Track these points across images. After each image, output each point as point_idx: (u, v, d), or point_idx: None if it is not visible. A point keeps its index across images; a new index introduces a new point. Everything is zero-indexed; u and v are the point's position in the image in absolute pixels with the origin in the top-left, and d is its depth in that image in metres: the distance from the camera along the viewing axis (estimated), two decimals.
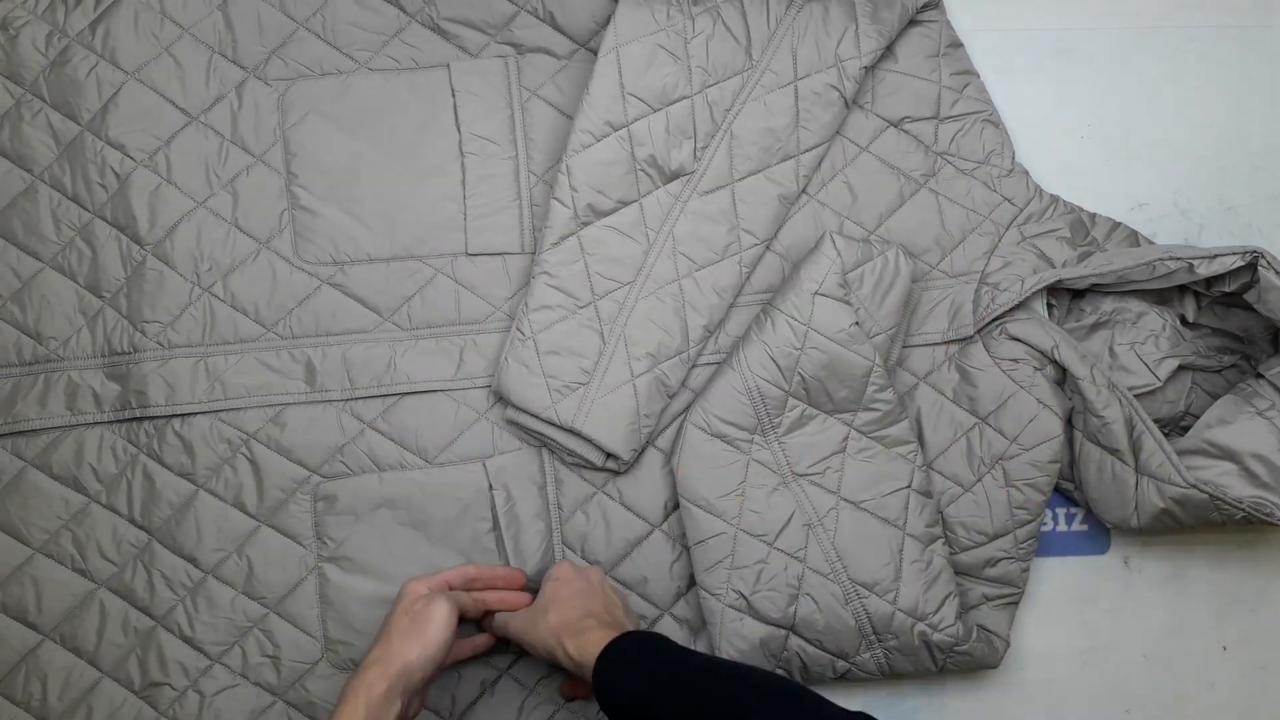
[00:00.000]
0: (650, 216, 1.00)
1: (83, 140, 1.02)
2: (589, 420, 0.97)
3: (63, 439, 1.00)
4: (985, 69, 1.08)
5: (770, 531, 0.96)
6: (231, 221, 1.01)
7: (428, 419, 1.00)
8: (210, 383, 0.99)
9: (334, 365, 1.00)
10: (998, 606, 1.01)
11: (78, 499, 1.00)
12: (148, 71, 1.02)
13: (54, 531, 0.99)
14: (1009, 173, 1.05)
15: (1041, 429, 1.00)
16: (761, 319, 0.97)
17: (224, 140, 1.02)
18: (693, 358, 1.00)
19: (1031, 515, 1.01)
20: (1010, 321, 1.02)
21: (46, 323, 1.01)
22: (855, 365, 0.95)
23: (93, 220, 1.02)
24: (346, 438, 1.00)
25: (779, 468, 0.97)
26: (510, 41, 1.04)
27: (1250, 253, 0.97)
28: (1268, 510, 0.95)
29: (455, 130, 1.02)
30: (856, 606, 0.95)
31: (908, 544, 0.96)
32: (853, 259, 0.96)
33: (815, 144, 1.02)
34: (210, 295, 1.00)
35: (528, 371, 0.97)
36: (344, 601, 0.98)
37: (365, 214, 1.01)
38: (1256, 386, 0.99)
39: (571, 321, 0.98)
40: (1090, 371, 0.99)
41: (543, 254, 0.98)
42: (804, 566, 0.95)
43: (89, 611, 0.99)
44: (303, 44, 1.04)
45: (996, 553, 1.01)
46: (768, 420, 0.96)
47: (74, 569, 0.99)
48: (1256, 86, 1.11)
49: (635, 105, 0.99)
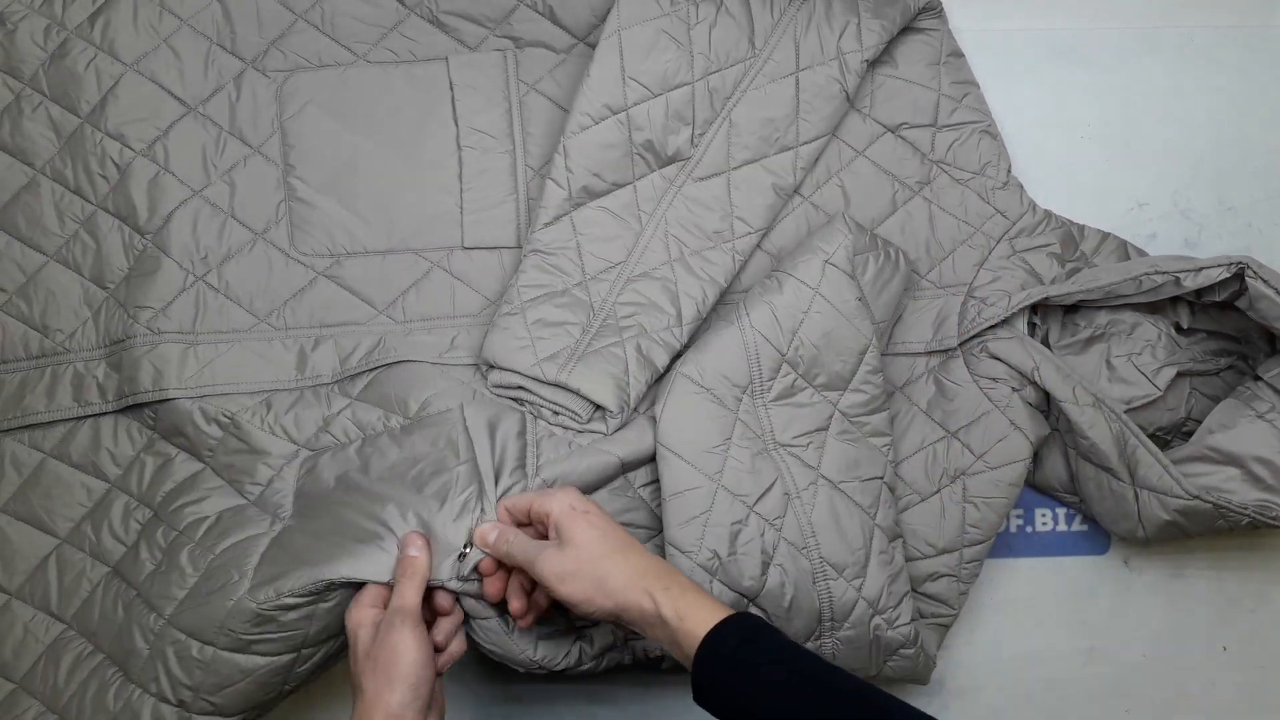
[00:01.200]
0: (644, 200, 1.00)
1: (83, 132, 1.01)
2: (574, 374, 0.95)
3: (78, 427, 1.00)
4: (985, 69, 1.08)
5: (752, 494, 0.93)
6: (228, 211, 1.01)
7: (409, 380, 0.98)
8: (199, 369, 0.98)
9: (326, 353, 0.99)
10: (930, 625, 1.00)
11: (99, 485, 0.99)
12: (146, 63, 1.02)
13: (78, 520, 0.99)
14: (1003, 185, 1.05)
15: (1010, 449, 1.00)
16: (768, 282, 0.96)
17: (222, 131, 1.02)
18: (684, 335, 0.98)
19: (983, 536, 1.00)
20: (992, 340, 1.02)
21: (52, 316, 1.01)
22: (854, 339, 0.95)
23: (95, 212, 1.01)
24: (332, 411, 0.98)
25: (762, 433, 0.95)
26: (509, 35, 1.04)
27: (1236, 264, 0.96)
28: (1274, 513, 0.95)
29: (453, 124, 1.02)
30: (823, 587, 0.93)
31: (877, 534, 0.95)
32: (861, 244, 0.97)
33: (814, 136, 1.02)
34: (204, 284, 1.00)
35: (513, 336, 0.96)
36: None
37: (362, 206, 1.01)
38: (1255, 389, 0.99)
39: (562, 298, 0.98)
40: (1073, 392, 0.99)
41: (535, 232, 0.98)
42: (780, 536, 0.93)
43: (96, 596, 0.97)
44: (301, 36, 1.04)
45: (940, 568, 1.00)
46: (759, 382, 0.95)
47: (90, 554, 0.98)
48: (1256, 86, 1.12)
49: (635, 89, 0.99)
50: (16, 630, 0.97)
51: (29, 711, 0.95)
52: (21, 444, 1.00)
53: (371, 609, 0.83)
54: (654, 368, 0.98)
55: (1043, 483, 1.05)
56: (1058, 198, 1.08)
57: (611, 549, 0.81)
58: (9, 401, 1.00)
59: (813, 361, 0.95)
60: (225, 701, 0.89)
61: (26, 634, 0.97)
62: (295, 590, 0.86)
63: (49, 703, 0.95)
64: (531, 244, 0.98)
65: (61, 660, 0.96)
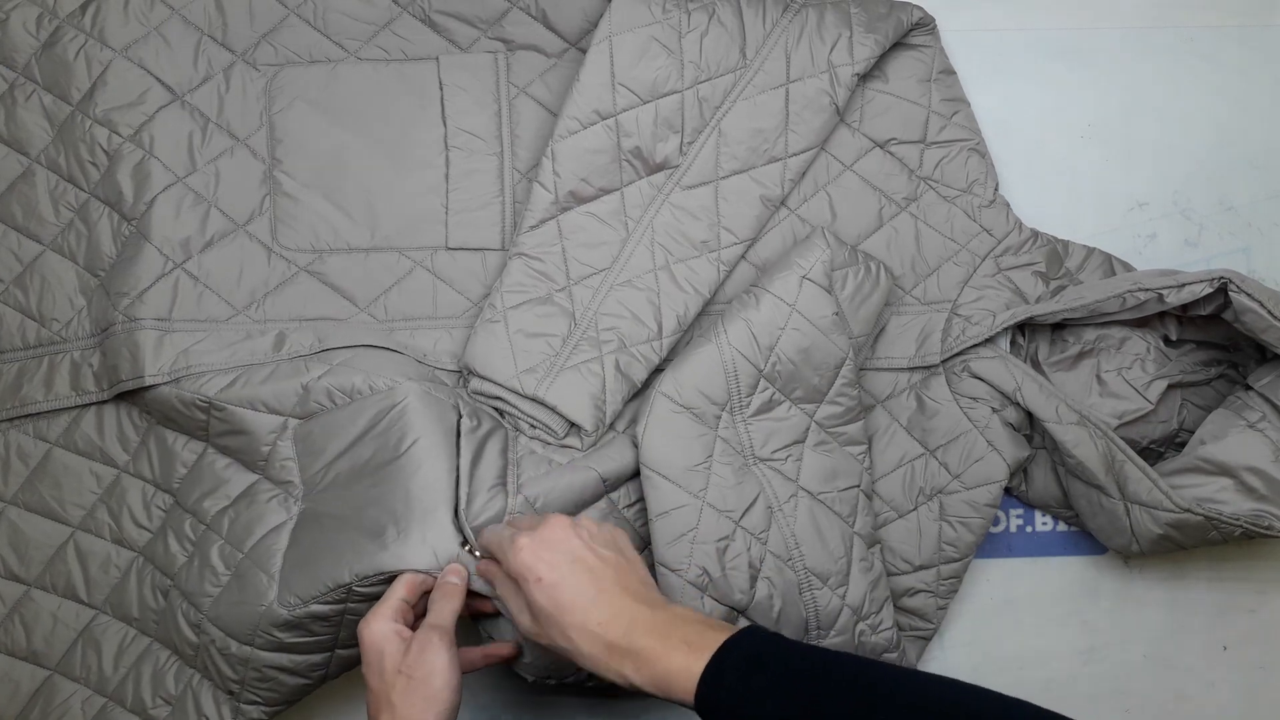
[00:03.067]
0: (630, 206, 1.00)
1: (74, 120, 1.01)
2: (551, 390, 0.96)
3: (82, 415, 1.00)
4: (985, 69, 1.07)
5: (737, 509, 0.94)
6: (211, 200, 1.00)
7: (392, 365, 0.97)
8: (173, 356, 0.97)
9: (305, 335, 0.98)
10: (909, 638, 1.01)
11: (108, 472, 1.00)
12: (136, 50, 1.01)
13: (89, 507, 1.00)
14: (990, 203, 1.04)
15: (985, 471, 1.00)
16: (746, 298, 0.96)
17: (208, 121, 1.01)
18: (664, 349, 0.99)
19: (959, 554, 1.01)
20: (974, 359, 1.02)
21: (49, 305, 1.01)
22: (831, 354, 0.95)
23: (88, 200, 1.01)
24: (311, 376, 0.95)
25: (742, 449, 0.95)
26: (501, 37, 1.04)
27: (1219, 279, 0.96)
28: (1267, 523, 0.95)
29: (441, 124, 1.02)
30: (808, 597, 0.94)
31: (856, 542, 0.96)
32: (840, 258, 0.97)
33: (803, 148, 1.01)
34: (182, 270, 0.99)
35: (495, 343, 0.97)
36: None
37: (347, 203, 1.01)
38: (1246, 399, 0.99)
39: (545, 303, 0.98)
40: (1056, 411, 0.99)
41: (521, 235, 0.98)
42: (765, 549, 0.94)
43: (129, 581, 0.99)
44: (293, 30, 1.03)
45: (917, 584, 1.01)
46: (738, 398, 0.95)
47: (112, 540, 0.99)
48: (1256, 86, 1.11)
49: (625, 95, 0.98)
50: (44, 619, 0.99)
51: (75, 697, 0.97)
52: (26, 435, 1.01)
53: (394, 623, 0.81)
54: (632, 384, 0.98)
55: (1037, 500, 1.06)
56: (1058, 198, 1.09)
57: (550, 619, 0.77)
58: (7, 391, 1.01)
59: (790, 377, 0.96)
60: (269, 694, 0.93)
61: (56, 622, 0.99)
62: (320, 598, 0.88)
63: (96, 687, 0.97)
64: (517, 246, 0.98)
65: (103, 645, 0.98)
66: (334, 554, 0.89)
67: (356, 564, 0.87)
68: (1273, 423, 0.97)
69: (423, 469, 0.90)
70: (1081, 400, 1.01)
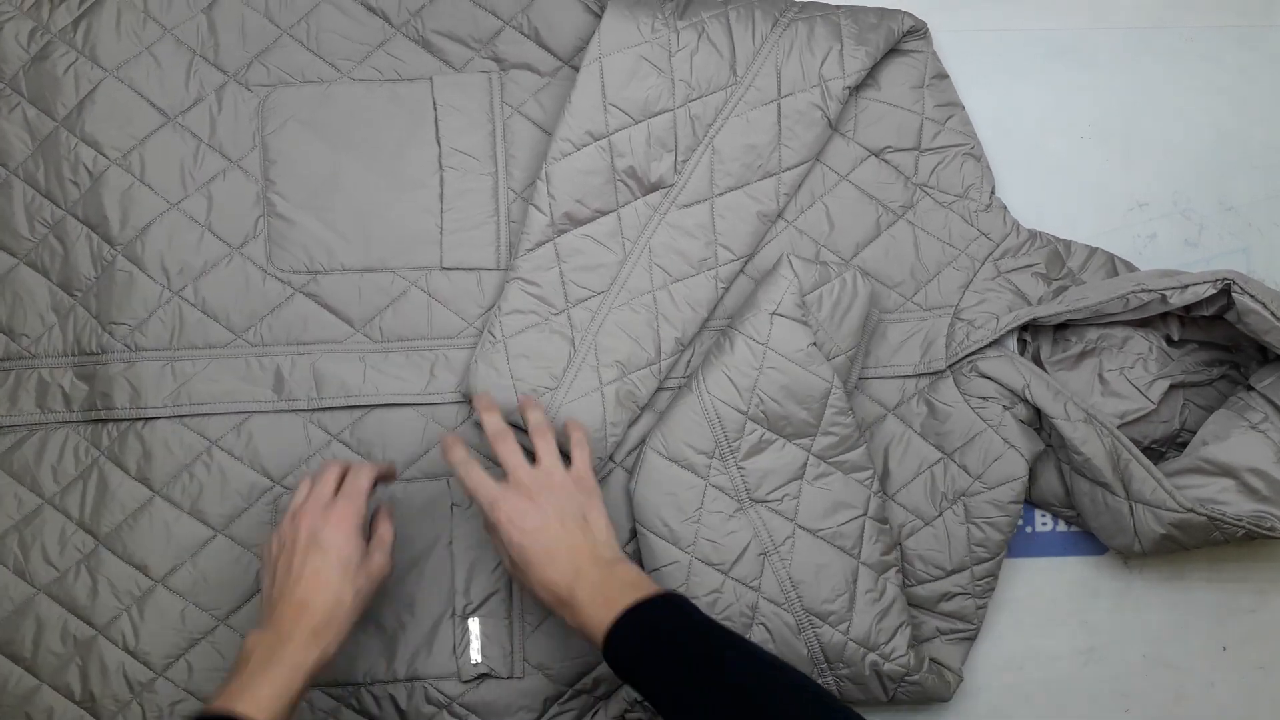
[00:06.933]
0: (627, 227, 1.00)
1: (57, 136, 1.00)
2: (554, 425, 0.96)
3: (28, 438, 0.99)
4: (985, 69, 1.07)
5: (726, 561, 0.95)
6: (205, 225, 1.00)
7: (395, 433, 1.00)
8: (176, 387, 0.98)
9: (303, 375, 0.99)
10: (951, 641, 1.01)
11: (32, 499, 0.99)
12: (127, 70, 1.01)
13: (2, 532, 0.98)
14: (986, 207, 1.04)
15: (1005, 469, 1.00)
16: (720, 342, 0.97)
17: (201, 143, 1.01)
18: (664, 370, 0.99)
19: (990, 554, 1.01)
20: (981, 359, 1.02)
21: (19, 319, 1.00)
22: (813, 386, 0.95)
23: (65, 217, 1.01)
24: (312, 449, 0.99)
25: (737, 493, 0.96)
26: (494, 57, 1.03)
27: (1222, 280, 0.96)
28: (1269, 524, 0.95)
29: (435, 144, 1.02)
30: (809, 636, 0.96)
31: (862, 573, 0.96)
32: (810, 281, 0.96)
33: (797, 162, 1.01)
34: (180, 299, 0.99)
35: (496, 374, 0.97)
36: None
37: (341, 224, 1.01)
38: (1248, 399, 0.99)
39: (544, 328, 0.98)
40: (1064, 408, 0.99)
41: (518, 259, 0.98)
42: (758, 596, 0.95)
43: (27, 618, 0.97)
44: (286, 51, 1.02)
45: (953, 588, 1.01)
46: (726, 444, 0.96)
47: (14, 571, 0.98)
48: (1256, 86, 1.11)
49: (617, 116, 0.98)
50: None
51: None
52: None
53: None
54: (633, 411, 0.99)
55: (1039, 498, 1.06)
56: (1058, 198, 1.08)
57: (529, 578, 0.86)
58: None
59: (777, 415, 0.96)
60: None
61: None
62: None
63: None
64: (515, 270, 0.98)
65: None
66: None
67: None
68: (1275, 424, 0.97)
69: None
70: (1084, 399, 1.01)
